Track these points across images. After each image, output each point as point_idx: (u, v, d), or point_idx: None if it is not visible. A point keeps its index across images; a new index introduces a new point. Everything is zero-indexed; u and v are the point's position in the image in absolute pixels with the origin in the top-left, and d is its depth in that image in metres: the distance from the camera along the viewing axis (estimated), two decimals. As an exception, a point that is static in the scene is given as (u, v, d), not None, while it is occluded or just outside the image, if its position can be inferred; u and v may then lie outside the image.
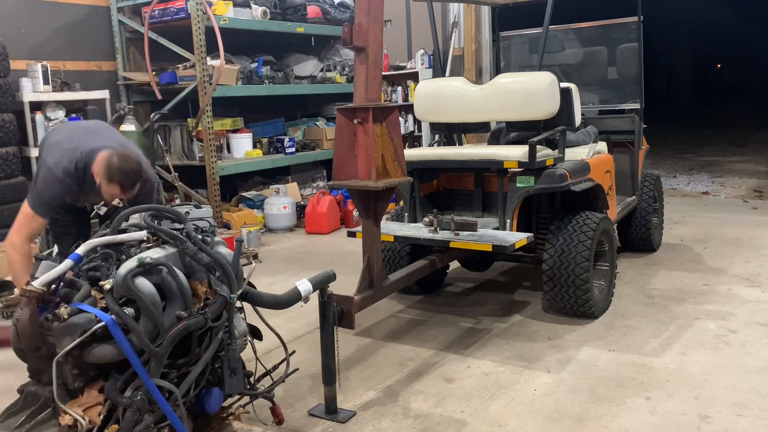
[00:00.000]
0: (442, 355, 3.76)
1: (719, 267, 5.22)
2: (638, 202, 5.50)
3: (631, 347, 3.73)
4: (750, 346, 3.67)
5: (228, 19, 6.84)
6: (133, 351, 2.37)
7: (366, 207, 3.40)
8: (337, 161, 3.32)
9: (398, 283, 3.83)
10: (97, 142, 3.39)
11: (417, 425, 2.98)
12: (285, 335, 3.15)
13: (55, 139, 3.57)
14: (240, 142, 7.58)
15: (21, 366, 2.68)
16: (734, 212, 7.38)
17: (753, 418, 2.91)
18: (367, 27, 3.15)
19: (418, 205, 4.48)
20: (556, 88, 4.18)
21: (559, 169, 4.03)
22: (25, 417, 2.54)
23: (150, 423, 2.41)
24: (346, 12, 8.60)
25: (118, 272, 2.42)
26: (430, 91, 4.69)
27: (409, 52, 9.19)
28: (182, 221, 2.72)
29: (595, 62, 5.91)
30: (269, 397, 2.87)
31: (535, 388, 3.28)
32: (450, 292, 4.97)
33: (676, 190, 9.07)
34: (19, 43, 6.39)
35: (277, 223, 7.36)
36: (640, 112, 5.52)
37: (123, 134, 6.37)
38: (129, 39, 7.40)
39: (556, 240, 4.06)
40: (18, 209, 5.74)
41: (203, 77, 6.68)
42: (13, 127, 5.84)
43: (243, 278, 2.80)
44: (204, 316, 2.51)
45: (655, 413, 2.98)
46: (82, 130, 3.60)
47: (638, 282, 4.92)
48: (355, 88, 3.25)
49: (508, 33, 6.32)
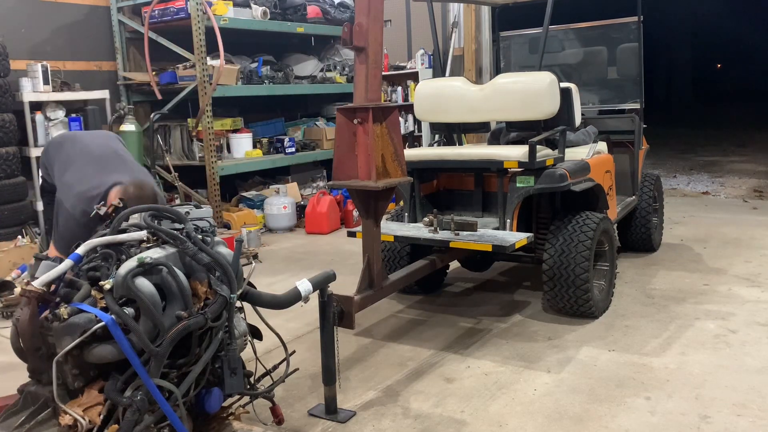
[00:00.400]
0: (442, 355, 3.76)
1: (719, 267, 5.22)
2: (638, 202, 5.50)
3: (631, 347, 3.73)
4: (750, 346, 3.67)
5: (228, 19, 6.85)
6: (133, 351, 2.37)
7: (366, 207, 3.40)
8: (337, 161, 3.32)
9: (398, 283, 3.83)
10: (110, 177, 3.20)
11: (417, 425, 2.98)
12: (285, 335, 3.15)
13: (67, 179, 3.35)
14: (240, 142, 7.58)
15: (21, 366, 2.68)
16: (734, 212, 7.38)
17: (753, 418, 2.91)
18: (367, 27, 3.15)
19: (418, 205, 4.48)
20: (556, 88, 4.19)
21: (559, 169, 4.03)
22: (25, 417, 2.54)
23: (150, 423, 2.41)
24: (346, 12, 8.60)
25: (118, 272, 2.42)
26: (430, 91, 4.69)
27: (409, 52, 9.19)
28: (182, 221, 2.72)
29: (595, 62, 5.91)
30: (269, 397, 2.87)
31: (535, 388, 3.28)
32: (450, 292, 4.97)
33: (676, 190, 9.07)
34: (19, 43, 6.39)
35: (277, 223, 7.36)
36: (640, 112, 5.52)
37: (123, 134, 6.46)
38: (129, 39, 7.40)
39: (556, 240, 4.06)
40: (18, 209, 5.86)
41: (203, 77, 6.68)
42: (13, 127, 5.84)
43: (243, 278, 2.80)
44: (204, 316, 2.51)
45: (655, 413, 2.98)
46: (92, 162, 3.37)
47: (638, 282, 4.92)
48: (355, 88, 3.25)
49: (508, 33, 6.32)
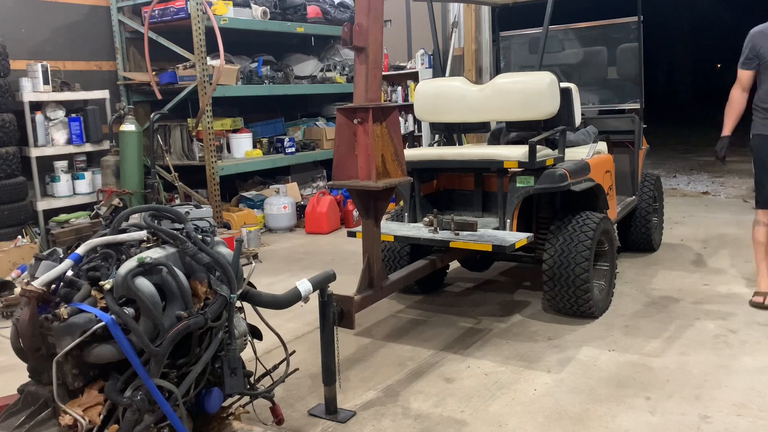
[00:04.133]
0: (442, 355, 3.76)
1: (719, 267, 5.22)
2: (638, 202, 5.50)
3: (631, 347, 3.73)
4: (750, 346, 3.67)
5: (228, 19, 6.85)
6: (133, 351, 2.37)
7: (366, 207, 3.40)
8: (337, 161, 3.32)
9: (398, 283, 3.83)
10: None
11: (417, 425, 2.98)
12: (285, 335, 3.15)
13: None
14: (240, 142, 7.58)
15: (21, 366, 2.68)
16: (734, 212, 7.38)
17: (753, 418, 2.91)
18: (367, 27, 3.15)
19: (418, 205, 4.48)
20: (556, 88, 4.18)
21: (559, 169, 4.03)
22: (25, 417, 2.53)
23: (150, 423, 2.40)
24: (346, 12, 8.60)
25: (118, 272, 2.42)
26: (430, 91, 4.69)
27: (409, 52, 9.19)
28: (182, 221, 2.72)
29: (595, 62, 5.91)
30: (269, 397, 2.86)
31: (535, 388, 3.28)
32: (450, 292, 4.97)
33: (676, 190, 9.07)
34: (19, 43, 6.39)
35: (277, 223, 7.36)
36: (640, 112, 5.52)
37: (122, 134, 6.47)
38: (129, 39, 7.41)
39: (556, 240, 4.06)
40: (18, 209, 5.87)
41: (203, 77, 6.68)
42: (13, 127, 5.85)
43: (243, 278, 2.80)
44: (204, 316, 2.51)
45: (655, 413, 2.98)
46: None
47: (638, 282, 4.92)
48: (355, 88, 3.25)
49: (508, 33, 6.32)
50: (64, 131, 6.43)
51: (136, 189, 6.47)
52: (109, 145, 6.75)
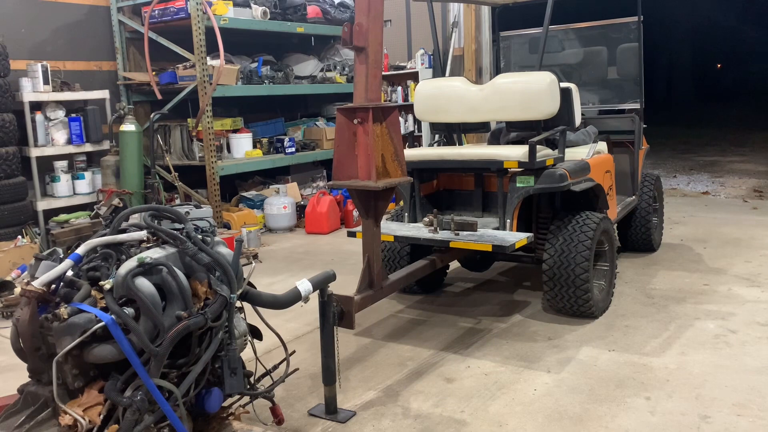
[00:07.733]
0: (442, 355, 3.76)
1: (719, 267, 5.22)
2: (638, 202, 5.50)
3: (631, 347, 3.73)
4: (750, 346, 3.67)
5: (228, 19, 6.85)
6: (133, 351, 2.37)
7: (366, 207, 3.40)
8: (337, 161, 3.32)
9: (398, 283, 3.83)
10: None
11: (417, 425, 2.98)
12: (285, 335, 3.15)
13: None
14: (240, 142, 7.58)
15: (21, 366, 2.68)
16: (734, 212, 7.38)
17: (753, 418, 2.91)
18: (367, 27, 3.15)
19: (418, 205, 4.48)
20: (556, 88, 4.18)
21: (559, 169, 4.03)
22: (25, 417, 2.54)
23: (150, 423, 2.40)
24: (346, 12, 8.60)
25: (118, 272, 2.42)
26: (430, 91, 4.69)
27: (409, 52, 9.19)
28: (182, 221, 2.72)
29: (595, 62, 5.91)
30: (269, 397, 2.87)
31: (535, 388, 3.28)
32: (450, 292, 4.97)
33: (676, 190, 9.07)
34: (19, 43, 6.39)
35: (277, 223, 7.36)
36: (640, 112, 5.52)
37: (122, 134, 6.48)
38: (129, 39, 7.41)
39: (556, 240, 4.06)
40: (18, 209, 5.87)
41: (203, 77, 6.68)
42: (13, 127, 5.85)
43: (243, 278, 2.80)
44: (204, 316, 2.51)
45: (655, 413, 2.98)
46: None
47: (638, 282, 4.92)
48: (355, 88, 3.25)
49: (508, 33, 6.32)
50: (64, 131, 6.43)
51: (136, 189, 6.47)
52: (109, 145, 6.75)
